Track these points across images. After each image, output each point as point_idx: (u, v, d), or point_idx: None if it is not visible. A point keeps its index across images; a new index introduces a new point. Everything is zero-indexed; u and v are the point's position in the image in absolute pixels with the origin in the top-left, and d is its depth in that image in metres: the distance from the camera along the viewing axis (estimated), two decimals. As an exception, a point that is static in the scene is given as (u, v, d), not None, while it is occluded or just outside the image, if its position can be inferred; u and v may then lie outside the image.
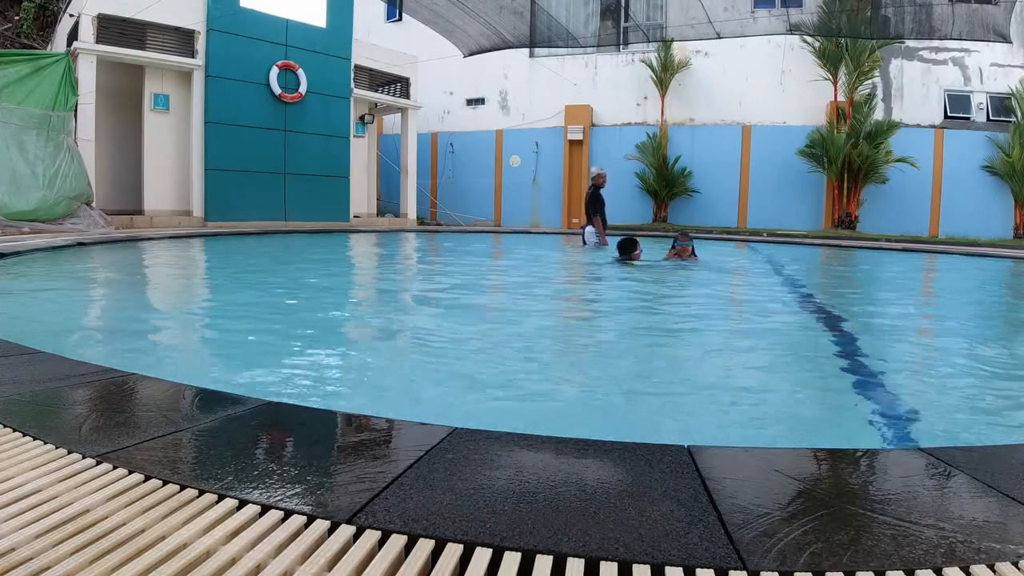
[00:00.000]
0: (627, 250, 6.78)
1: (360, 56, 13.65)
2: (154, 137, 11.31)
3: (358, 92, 13.68)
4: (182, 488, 1.17)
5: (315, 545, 0.99)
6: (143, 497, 1.13)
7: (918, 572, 0.92)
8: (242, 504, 1.11)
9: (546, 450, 1.39)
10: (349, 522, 1.05)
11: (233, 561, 0.94)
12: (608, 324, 4.02)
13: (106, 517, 1.06)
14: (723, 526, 1.05)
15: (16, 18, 15.68)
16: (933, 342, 3.83)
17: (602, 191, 8.83)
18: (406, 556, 0.97)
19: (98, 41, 10.05)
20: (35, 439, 1.39)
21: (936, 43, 13.39)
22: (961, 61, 13.78)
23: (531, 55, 16.17)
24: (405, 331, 3.65)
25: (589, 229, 9.00)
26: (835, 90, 13.84)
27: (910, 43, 13.53)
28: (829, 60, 13.63)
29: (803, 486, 1.26)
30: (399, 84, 14.89)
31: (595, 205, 8.86)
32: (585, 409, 2.25)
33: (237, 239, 10.03)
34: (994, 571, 0.93)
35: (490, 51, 12.29)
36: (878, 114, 13.94)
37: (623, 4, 13.31)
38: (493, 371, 2.73)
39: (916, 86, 14.02)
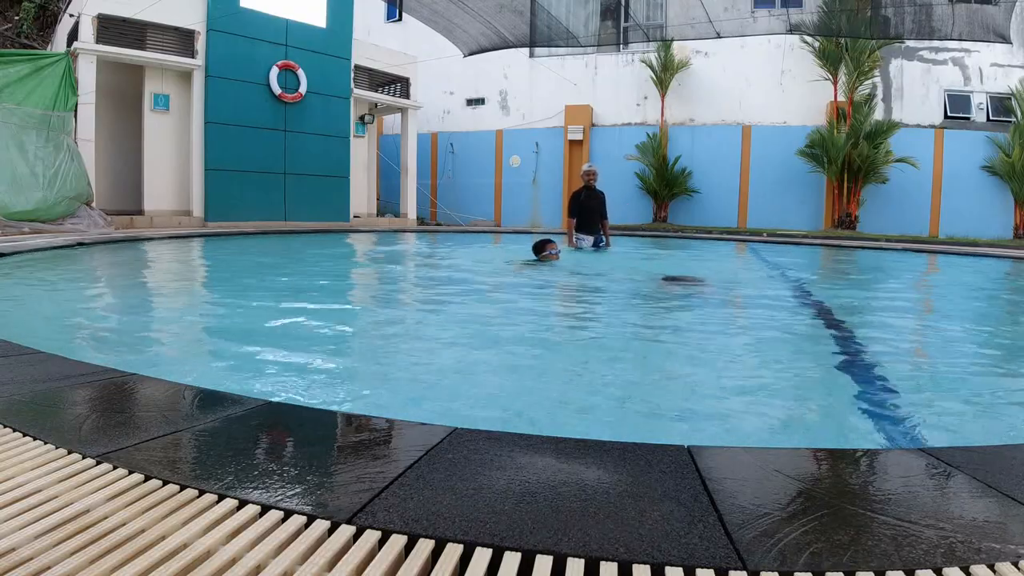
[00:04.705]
0: (540, 250, 6.83)
1: (360, 56, 13.65)
2: (154, 137, 11.32)
3: (358, 92, 13.68)
4: (182, 488, 1.17)
5: (315, 545, 0.99)
6: (143, 497, 1.13)
7: (918, 572, 0.92)
8: (242, 504, 1.11)
9: (546, 450, 1.39)
10: (349, 522, 1.05)
11: (233, 561, 0.94)
12: (600, 324, 4.02)
13: (106, 517, 1.06)
14: (723, 526, 1.05)
15: (16, 18, 15.68)
16: (933, 342, 3.83)
17: (595, 189, 8.54)
18: (406, 556, 0.97)
19: (98, 41, 10.05)
20: (35, 439, 1.39)
21: (936, 43, 13.40)
22: (961, 61, 13.78)
23: (531, 55, 16.17)
24: (403, 330, 3.65)
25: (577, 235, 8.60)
26: (835, 90, 13.85)
27: (910, 43, 13.53)
28: (829, 60, 13.63)
29: (803, 486, 1.25)
30: (399, 84, 14.89)
31: (572, 206, 8.51)
32: (590, 409, 2.25)
33: (237, 239, 10.03)
34: (994, 571, 0.93)
35: (490, 51, 12.29)
36: (878, 114, 13.94)
37: (623, 4, 13.31)
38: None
39: (916, 86, 14.02)
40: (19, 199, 8.90)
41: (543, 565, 0.94)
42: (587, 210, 8.49)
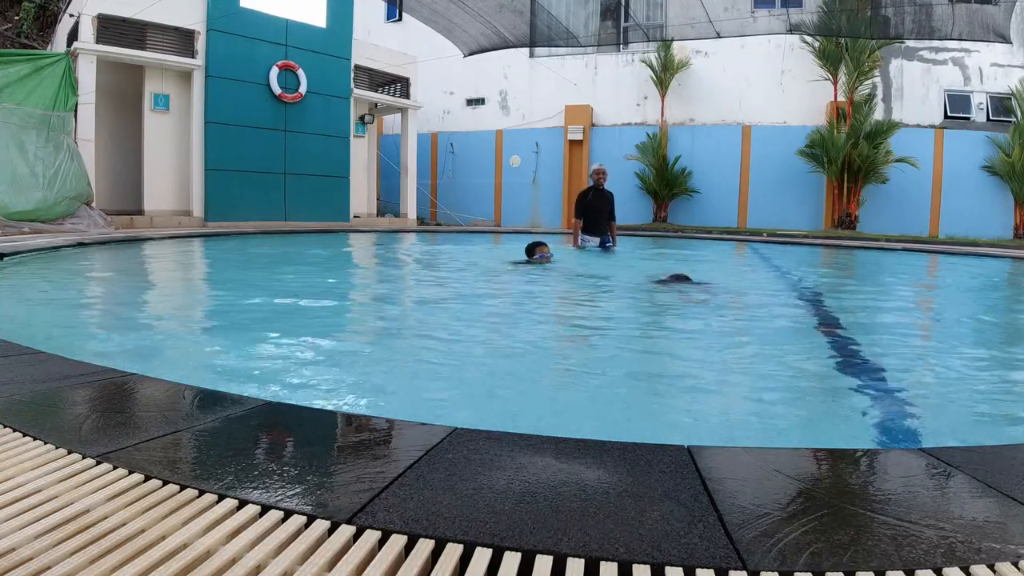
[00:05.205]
0: (531, 253, 6.82)
1: (360, 56, 13.64)
2: (154, 137, 11.31)
3: (358, 92, 13.68)
4: (182, 488, 1.17)
5: (315, 545, 0.99)
6: (143, 497, 1.13)
7: (918, 572, 0.92)
8: (242, 504, 1.11)
9: (546, 450, 1.39)
10: (349, 522, 1.05)
11: (233, 561, 0.94)
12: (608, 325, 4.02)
13: (106, 517, 1.06)
14: (723, 526, 1.05)
15: (16, 18, 15.68)
16: (933, 342, 3.83)
17: (602, 189, 8.48)
18: (406, 556, 0.97)
19: (98, 41, 10.05)
20: (35, 439, 1.39)
21: (936, 43, 13.39)
22: (961, 61, 13.78)
23: (531, 55, 16.16)
24: (405, 329, 3.65)
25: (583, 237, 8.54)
26: (835, 90, 13.84)
27: (910, 43, 13.53)
28: (829, 60, 13.63)
29: (803, 486, 1.25)
30: (399, 84, 14.89)
31: (578, 206, 8.37)
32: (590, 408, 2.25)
33: (237, 239, 10.03)
34: (994, 571, 0.93)
35: (490, 51, 12.28)
36: (878, 114, 13.94)
37: (623, 4, 13.31)
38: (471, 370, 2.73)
39: (916, 86, 14.02)
40: (19, 199, 8.90)
41: (543, 565, 0.94)
42: (594, 211, 8.35)
